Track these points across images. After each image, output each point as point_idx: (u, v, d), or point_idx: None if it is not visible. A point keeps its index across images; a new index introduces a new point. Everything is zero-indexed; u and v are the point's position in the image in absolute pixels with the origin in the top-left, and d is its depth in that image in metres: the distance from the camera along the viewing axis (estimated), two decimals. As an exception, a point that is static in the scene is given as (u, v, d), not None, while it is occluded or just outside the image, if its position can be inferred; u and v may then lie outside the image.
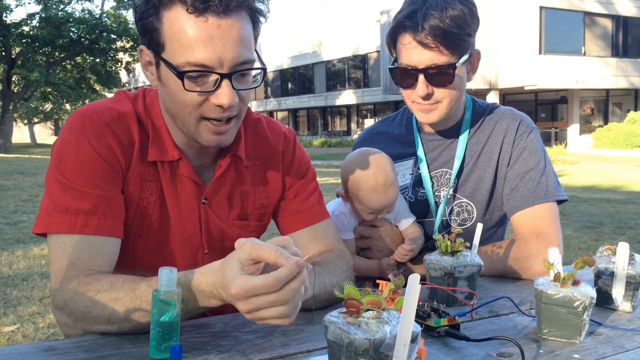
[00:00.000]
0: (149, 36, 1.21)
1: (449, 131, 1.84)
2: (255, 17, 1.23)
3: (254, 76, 1.28)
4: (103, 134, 1.26)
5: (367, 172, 1.67)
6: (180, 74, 1.17)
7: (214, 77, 1.19)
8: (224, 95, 1.18)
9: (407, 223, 1.80)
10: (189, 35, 1.15)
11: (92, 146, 1.24)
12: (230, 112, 1.23)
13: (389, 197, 1.68)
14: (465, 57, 1.65)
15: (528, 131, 1.80)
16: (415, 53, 1.62)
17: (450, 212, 1.82)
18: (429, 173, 1.85)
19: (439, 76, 1.64)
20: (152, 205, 1.33)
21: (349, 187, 1.72)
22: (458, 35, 1.60)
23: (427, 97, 1.66)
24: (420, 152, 1.86)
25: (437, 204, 1.82)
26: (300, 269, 0.98)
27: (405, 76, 1.68)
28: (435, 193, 1.83)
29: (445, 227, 1.83)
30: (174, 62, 1.17)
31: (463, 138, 1.83)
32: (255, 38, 1.25)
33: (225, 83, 1.18)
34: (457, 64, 1.62)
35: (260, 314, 1.00)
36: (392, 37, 1.69)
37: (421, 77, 1.64)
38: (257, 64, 1.24)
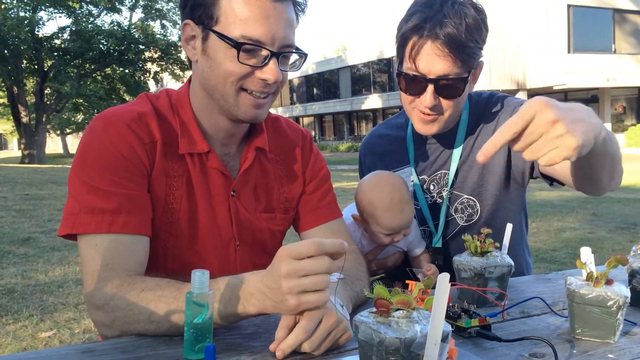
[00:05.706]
0: (202, 9, 1.27)
1: (446, 134, 1.80)
2: (296, 9, 1.33)
3: (293, 62, 1.38)
4: (124, 135, 1.29)
5: (382, 192, 1.64)
6: (238, 45, 1.24)
7: (264, 53, 1.27)
8: (271, 71, 1.27)
9: (420, 251, 1.81)
10: (248, 11, 1.23)
11: (114, 147, 1.28)
12: (270, 89, 1.32)
13: (404, 215, 1.64)
14: (474, 69, 1.62)
15: None
16: (427, 61, 1.56)
17: (455, 211, 1.80)
18: (428, 177, 1.83)
19: (449, 89, 1.59)
20: (179, 200, 1.36)
21: (364, 208, 1.68)
22: (472, 49, 1.57)
23: (433, 108, 1.62)
24: (412, 159, 1.85)
25: (440, 206, 1.80)
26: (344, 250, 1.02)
27: (412, 84, 1.62)
28: (438, 196, 1.81)
29: (451, 227, 1.81)
30: (229, 35, 1.25)
31: (460, 138, 1.80)
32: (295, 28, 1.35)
33: (274, 60, 1.27)
34: (468, 78, 1.60)
35: (302, 282, 1.00)
36: (404, 40, 1.61)
37: (430, 87, 1.58)
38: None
